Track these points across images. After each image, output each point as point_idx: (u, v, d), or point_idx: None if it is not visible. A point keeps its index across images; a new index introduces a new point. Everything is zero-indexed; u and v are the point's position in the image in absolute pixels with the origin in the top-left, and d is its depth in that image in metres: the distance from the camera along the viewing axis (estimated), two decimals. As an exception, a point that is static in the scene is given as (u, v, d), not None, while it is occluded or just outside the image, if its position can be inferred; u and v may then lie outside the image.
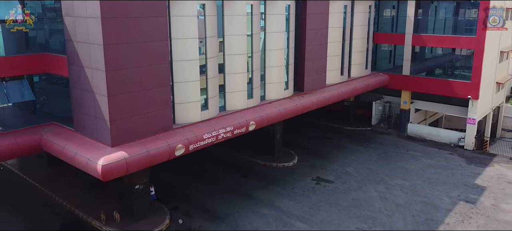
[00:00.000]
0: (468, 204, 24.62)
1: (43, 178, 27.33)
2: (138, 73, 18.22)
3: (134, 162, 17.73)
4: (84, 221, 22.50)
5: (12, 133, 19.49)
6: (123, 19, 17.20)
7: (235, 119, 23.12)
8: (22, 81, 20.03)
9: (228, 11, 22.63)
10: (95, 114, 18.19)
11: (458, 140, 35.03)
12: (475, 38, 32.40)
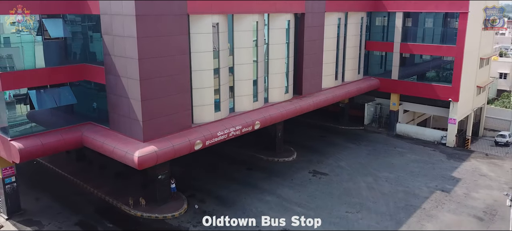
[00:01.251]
0: (443, 192, 28.53)
1: (73, 171, 31.26)
2: (165, 82, 22.14)
3: (162, 154, 21.67)
4: (114, 206, 26.40)
5: (59, 130, 23.39)
6: (154, 38, 21.11)
7: (243, 119, 27.06)
8: (66, 87, 23.92)
9: (237, 28, 26.55)
10: (129, 115, 22.11)
11: (441, 138, 38.95)
12: (455, 47, 36.28)
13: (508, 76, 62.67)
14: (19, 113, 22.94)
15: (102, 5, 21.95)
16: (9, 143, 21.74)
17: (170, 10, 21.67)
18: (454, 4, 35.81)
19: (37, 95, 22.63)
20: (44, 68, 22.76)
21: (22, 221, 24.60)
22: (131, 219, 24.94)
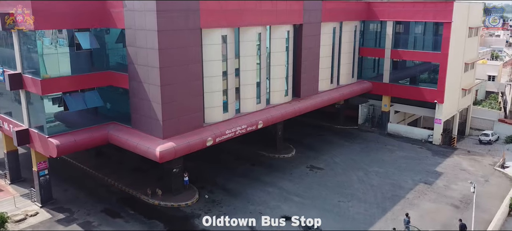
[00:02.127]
0: (426, 184, 32.03)
1: (94, 165, 34.74)
2: (181, 87, 25.62)
3: (179, 150, 25.16)
4: (134, 196, 29.86)
5: (88, 129, 26.87)
6: (172, 49, 24.58)
7: (248, 119, 30.55)
8: (94, 91, 27.36)
9: (243, 38, 30.02)
10: (150, 116, 25.58)
11: (428, 137, 42.45)
12: (440, 53, 39.76)
13: (496, 78, 65.98)
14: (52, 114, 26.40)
15: (127, 21, 25.42)
16: (46, 140, 25.22)
17: (186, 25, 25.15)
18: (439, 15, 39.27)
19: (69, 98, 26.09)
20: (76, 75, 26.21)
21: (54, 208, 28.05)
22: (150, 207, 28.39)
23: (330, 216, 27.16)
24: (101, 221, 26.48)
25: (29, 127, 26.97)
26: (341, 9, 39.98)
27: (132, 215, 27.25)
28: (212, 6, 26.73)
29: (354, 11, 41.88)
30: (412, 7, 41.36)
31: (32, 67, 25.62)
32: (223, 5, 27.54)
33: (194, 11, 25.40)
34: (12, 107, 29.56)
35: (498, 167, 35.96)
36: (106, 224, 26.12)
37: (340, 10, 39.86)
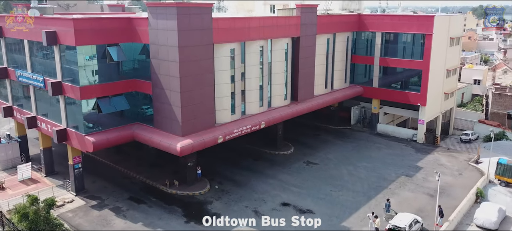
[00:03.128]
0: (407, 177, 36.79)
1: (116, 161, 39.50)
2: (197, 93, 30.39)
3: (196, 145, 29.97)
4: (154, 186, 34.60)
5: (116, 128, 31.65)
6: (190, 62, 29.36)
7: (252, 120, 35.36)
8: (122, 96, 32.13)
9: (248, 51, 34.82)
10: (171, 117, 30.35)
11: (412, 136, 47.22)
12: (422, 61, 44.54)
13: (481, 82, 70.83)
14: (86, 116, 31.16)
15: (151, 37, 30.20)
16: (83, 138, 29.99)
17: (201, 42, 29.94)
18: (421, 27, 44.06)
19: (102, 102, 30.87)
20: (107, 83, 30.99)
21: (87, 196, 32.81)
22: (168, 195, 33.13)
23: (322, 203, 31.93)
24: (129, 207, 31.25)
25: (67, 127, 31.72)
26: (335, 22, 44.84)
27: (154, 202, 32.01)
28: (223, 25, 31.58)
29: (347, 23, 46.71)
30: (398, 20, 46.23)
31: (70, 76, 30.37)
32: (231, 24, 32.41)
33: (208, 29, 30.21)
34: (49, 110, 34.34)
35: (473, 163, 40.73)
36: (133, 209, 30.88)
37: (334, 23, 44.71)
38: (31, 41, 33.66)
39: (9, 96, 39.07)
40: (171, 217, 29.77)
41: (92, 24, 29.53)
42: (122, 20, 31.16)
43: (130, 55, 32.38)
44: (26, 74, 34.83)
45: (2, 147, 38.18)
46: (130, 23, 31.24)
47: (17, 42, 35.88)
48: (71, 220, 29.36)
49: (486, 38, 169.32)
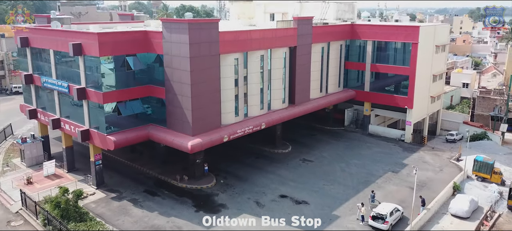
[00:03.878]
0: (393, 173, 40.86)
1: (130, 158, 43.52)
2: (205, 97, 34.45)
3: (204, 144, 34.05)
4: (165, 181, 38.62)
5: (133, 129, 35.69)
6: (199, 71, 33.43)
7: (254, 121, 39.43)
8: (138, 100, 36.20)
9: (250, 60, 38.92)
10: (182, 119, 34.41)
11: (401, 136, 51.31)
12: (409, 67, 48.63)
13: (469, 85, 74.89)
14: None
15: (165, 49, 34.27)
16: (105, 137, 34.04)
17: (209, 53, 34.04)
18: (408, 37, 48.18)
19: (121, 106, 34.95)
20: (126, 88, 35.06)
21: (106, 190, 36.83)
22: (179, 189, 37.14)
23: (316, 195, 36.00)
24: (144, 198, 35.29)
25: (90, 128, 35.78)
26: (329, 32, 48.99)
27: (167, 194, 36.05)
28: (228, 38, 35.69)
29: (340, 32, 50.84)
30: (387, 30, 50.38)
31: (93, 83, 34.44)
32: (235, 36, 36.54)
33: (215, 42, 34.31)
34: (71, 113, 38.37)
35: (454, 160, 44.83)
36: (148, 200, 34.92)
37: (328, 33, 48.85)
38: (56, 51, 37.70)
39: (33, 99, 43.11)
40: (183, 207, 33.82)
41: (113, 37, 33.65)
42: (139, 33, 35.26)
43: (145, 63, 36.42)
44: (51, 80, 38.89)
45: (27, 146, 42.22)
46: (146, 36, 35.33)
47: (41, 51, 39.92)
48: (94, 209, 33.38)
49: (481, 41, 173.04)
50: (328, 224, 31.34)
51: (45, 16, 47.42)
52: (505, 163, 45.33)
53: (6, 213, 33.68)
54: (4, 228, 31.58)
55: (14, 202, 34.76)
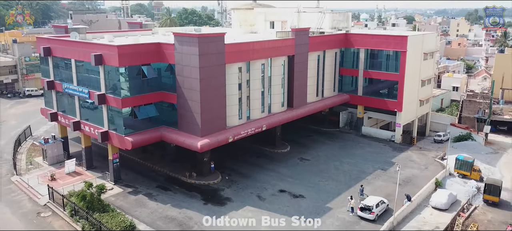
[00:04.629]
0: (382, 170, 44.98)
1: (143, 157, 47.61)
2: (212, 102, 38.58)
3: (212, 144, 38.21)
4: (176, 177, 42.69)
5: (148, 131, 39.82)
6: (208, 79, 37.56)
7: (255, 123, 43.58)
8: (152, 105, 40.32)
9: (252, 68, 43.07)
10: (192, 122, 38.53)
11: (391, 137, 55.43)
12: (398, 73, 52.76)
13: (459, 89, 78.93)
14: (125, 120, 39.31)
15: (177, 59, 38.38)
16: (123, 138, 38.15)
17: (216, 62, 38.17)
18: (397, 45, 52.32)
19: (138, 110, 39.08)
20: (141, 94, 39.18)
21: (123, 185, 40.91)
22: (188, 184, 41.23)
23: (312, 190, 40.11)
24: (158, 193, 39.40)
25: (108, 129, 39.90)
26: (324, 41, 53.17)
27: (178, 189, 40.15)
28: (233, 49, 39.85)
29: (335, 41, 55.02)
30: (378, 39, 54.55)
31: (112, 90, 38.54)
32: (239, 47, 40.72)
33: (221, 53, 38.45)
34: (91, 116, 42.46)
35: (438, 159, 48.96)
36: (162, 194, 39.02)
37: (323, 42, 53.03)
38: (78, 60, 41.82)
39: (54, 103, 47.23)
40: (192, 200, 37.93)
41: (131, 49, 37.80)
42: (153, 45, 39.42)
43: (158, 72, 40.58)
44: (72, 86, 43.01)
45: (49, 146, 46.34)
46: (159, 47, 39.49)
47: (63, 59, 44.01)
48: (114, 202, 37.44)
49: (476, 44, 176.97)
50: (322, 215, 35.44)
51: (62, 27, 51.64)
52: (485, 161, 49.53)
53: (35, 206, 37.76)
54: (35, 218, 35.69)
55: (42, 196, 38.84)
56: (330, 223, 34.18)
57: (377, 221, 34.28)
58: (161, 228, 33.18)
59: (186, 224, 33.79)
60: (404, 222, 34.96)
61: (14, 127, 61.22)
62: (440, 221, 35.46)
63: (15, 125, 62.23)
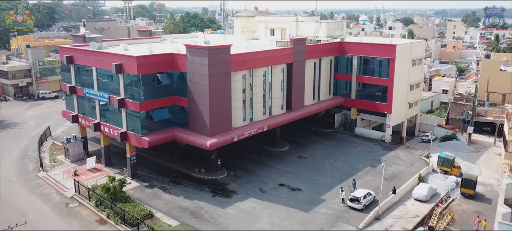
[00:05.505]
0: (371, 167, 49.91)
1: (155, 155, 52.52)
2: (220, 106, 43.49)
3: (219, 143, 43.16)
4: (186, 173, 47.61)
5: (162, 131, 44.73)
6: (216, 85, 42.47)
7: (258, 125, 48.53)
8: (165, 108, 45.23)
9: (255, 75, 48.03)
10: (202, 123, 43.44)
11: (382, 137, 60.36)
12: (388, 79, 57.69)
13: (448, 92, 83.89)
14: (142, 122, 44.21)
15: (188, 67, 43.28)
16: (141, 138, 43.07)
17: (223, 71, 43.08)
18: (387, 53, 57.25)
19: (154, 113, 44.03)
20: (157, 99, 44.11)
21: (139, 180, 45.81)
22: (197, 179, 46.15)
23: (308, 184, 45.05)
24: (171, 186, 44.32)
25: (127, 130, 44.82)
26: (320, 50, 58.14)
27: (189, 183, 45.08)
28: (237, 59, 44.78)
29: (330, 49, 59.99)
30: (370, 47, 59.50)
31: (131, 95, 43.44)
32: (243, 57, 45.69)
33: (228, 62, 43.38)
34: (110, 118, 47.36)
35: (424, 157, 53.89)
36: (175, 188, 43.94)
37: (319, 50, 58.00)
38: (98, 68, 46.73)
39: (75, 107, 52.15)
40: (202, 193, 42.87)
41: (148, 59, 42.73)
42: (167, 55, 44.37)
43: (170, 78, 45.53)
44: (93, 92, 47.93)
45: (71, 145, 51.27)
46: (172, 57, 44.44)
47: (85, 67, 48.92)
48: (133, 195, 42.32)
49: (470, 47, 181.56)
50: (316, 205, 40.38)
51: (81, 36, 56.66)
52: (467, 159, 54.43)
53: (63, 198, 42.67)
54: (64, 208, 40.60)
55: (68, 189, 43.76)
56: (323, 212, 39.11)
57: (365, 210, 39.19)
58: (176, 217, 38.10)
59: (197, 213, 38.73)
60: (388, 211, 39.87)
61: (33, 128, 66.22)
62: (421, 211, 40.37)
63: (33, 126, 67.22)
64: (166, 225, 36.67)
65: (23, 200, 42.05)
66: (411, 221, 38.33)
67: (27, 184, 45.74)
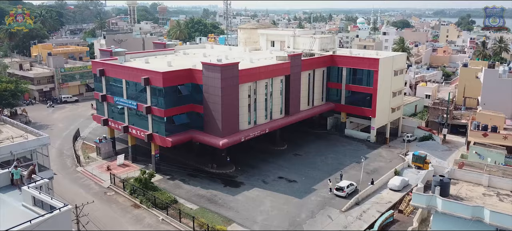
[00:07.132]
0: (356, 163, 59.16)
1: (173, 153, 61.71)
2: (230, 111, 52.78)
3: (230, 142, 52.50)
4: (200, 168, 56.89)
5: (182, 133, 53.99)
6: (227, 95, 51.77)
7: (261, 127, 57.89)
8: (184, 114, 54.48)
9: (258, 86, 57.38)
10: (215, 126, 52.73)
11: (367, 137, 69.71)
12: (372, 87, 67.04)
13: (431, 97, 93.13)
14: (165, 125, 53.45)
15: (204, 80, 52.58)
16: (165, 139, 52.40)
17: (233, 83, 52.38)
18: (371, 66, 66.58)
19: (175, 118, 53.38)
20: (177, 106, 53.40)
21: (162, 174, 55.03)
22: (210, 173, 55.41)
23: (302, 177, 54.40)
24: (189, 179, 53.64)
25: (152, 132, 54.14)
26: (314, 63, 67.54)
27: (203, 176, 54.40)
28: (244, 73, 54.13)
29: (322, 62, 69.38)
30: (357, 60, 68.88)
31: (157, 103, 52.73)
32: (249, 71, 55.06)
33: (236, 76, 52.71)
34: (136, 122, 56.62)
35: (402, 155, 63.24)
36: (192, 180, 53.25)
37: (313, 63, 67.41)
38: (128, 80, 56.01)
39: (105, 112, 61.43)
40: (215, 184, 52.20)
41: (172, 74, 52.04)
42: (187, 71, 53.70)
43: (190, 89, 54.85)
44: (123, 100, 57.22)
45: (102, 144, 60.57)
46: (191, 72, 53.79)
47: (114, 78, 58.16)
48: (159, 185, 51.46)
49: (460, 51, 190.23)
50: (309, 193, 49.76)
51: (108, 51, 66.00)
52: (439, 157, 63.70)
53: (101, 188, 51.93)
54: (103, 196, 49.86)
55: (104, 181, 53.06)
56: (314, 199, 48.46)
57: (347, 197, 48.54)
58: (195, 202, 47.43)
59: (213, 199, 48.08)
60: (367, 198, 49.19)
61: (63, 129, 75.46)
62: (393, 198, 49.70)
63: (63, 128, 76.45)
64: (188, 209, 45.97)
65: (69, 189, 51.27)
66: (384, 206, 47.68)
67: (69, 177, 55.04)
